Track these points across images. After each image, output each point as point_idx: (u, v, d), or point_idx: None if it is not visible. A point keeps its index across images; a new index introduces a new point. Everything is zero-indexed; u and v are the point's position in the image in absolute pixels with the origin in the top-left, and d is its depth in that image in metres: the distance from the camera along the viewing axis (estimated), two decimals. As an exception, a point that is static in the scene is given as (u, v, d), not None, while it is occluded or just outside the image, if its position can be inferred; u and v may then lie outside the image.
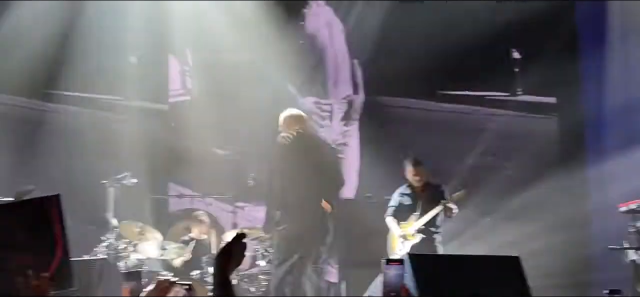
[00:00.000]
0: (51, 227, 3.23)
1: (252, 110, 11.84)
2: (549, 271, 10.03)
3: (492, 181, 11.33)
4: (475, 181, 9.69)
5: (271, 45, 11.90)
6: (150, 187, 10.75)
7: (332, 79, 12.05)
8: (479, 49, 11.52)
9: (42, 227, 3.22)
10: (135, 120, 11.57)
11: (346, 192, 11.47)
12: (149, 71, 11.73)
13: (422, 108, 12.03)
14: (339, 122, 11.95)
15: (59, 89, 11.29)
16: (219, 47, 11.77)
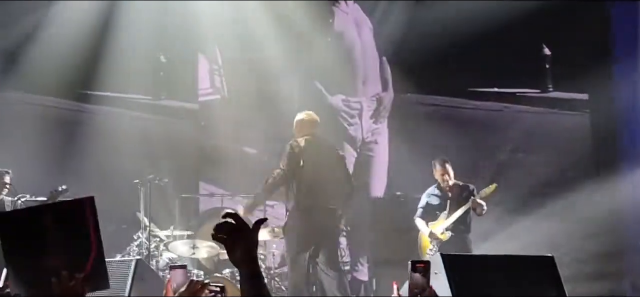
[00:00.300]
0: (86, 228, 3.26)
1: (281, 108, 11.85)
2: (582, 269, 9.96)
3: (523, 178, 11.25)
4: (506, 178, 9.64)
5: (299, 43, 11.93)
6: (180, 187, 10.80)
7: (361, 77, 12.02)
8: (510, 45, 11.44)
9: (76, 228, 3.25)
10: (165, 119, 11.64)
11: (376, 190, 11.49)
12: (179, 70, 11.79)
13: (451, 105, 11.98)
14: (368, 120, 11.92)
15: (91, 89, 11.40)
16: (247, 45, 11.81)
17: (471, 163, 11.29)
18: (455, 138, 11.45)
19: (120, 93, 11.54)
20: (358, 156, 11.80)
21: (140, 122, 11.57)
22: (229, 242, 2.70)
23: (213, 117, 11.68)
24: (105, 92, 11.46)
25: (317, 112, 11.80)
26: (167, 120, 11.65)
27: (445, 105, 11.96)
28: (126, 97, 11.56)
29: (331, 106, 11.83)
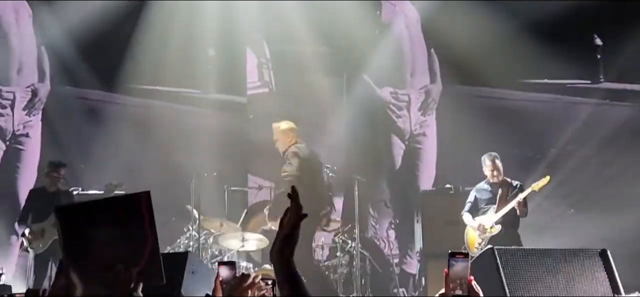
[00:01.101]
0: (141, 223, 3.30)
1: (328, 101, 11.86)
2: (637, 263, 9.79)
3: (574, 172, 11.11)
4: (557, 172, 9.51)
5: (347, 36, 11.92)
6: (229, 179, 10.86)
7: (409, 69, 11.96)
8: (561, 35, 11.29)
9: (133, 223, 3.30)
10: (214, 113, 11.73)
11: (424, 183, 11.45)
12: (227, 64, 11.86)
13: (501, 97, 11.86)
14: (416, 113, 11.87)
15: (141, 83, 11.55)
16: (295, 39, 11.84)
17: (521, 156, 11.19)
18: (504, 131, 11.33)
19: (169, 87, 11.66)
20: (406, 148, 11.77)
21: (189, 116, 11.69)
22: None
23: (261, 110, 11.73)
24: (155, 86, 11.59)
25: (365, 105, 11.87)
26: (216, 113, 11.73)
27: (494, 97, 11.85)
28: (175, 90, 11.69)
29: (379, 99, 11.81)
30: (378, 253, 11.24)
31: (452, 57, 11.69)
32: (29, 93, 11.30)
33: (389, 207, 11.70)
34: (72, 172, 10.35)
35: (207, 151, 11.17)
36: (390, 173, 11.77)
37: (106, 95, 11.52)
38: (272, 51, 11.99)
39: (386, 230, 11.46)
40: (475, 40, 11.42)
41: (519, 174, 9.19)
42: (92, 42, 11.13)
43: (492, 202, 8.90)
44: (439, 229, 9.83)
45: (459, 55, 11.55)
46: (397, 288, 10.82)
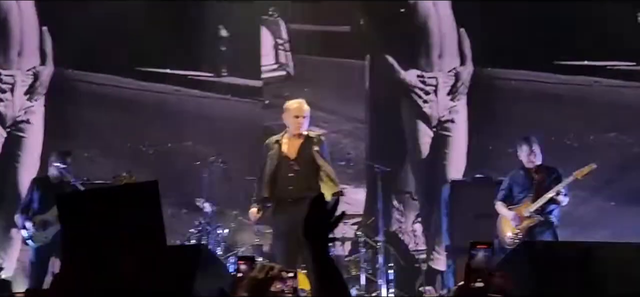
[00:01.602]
0: (148, 214, 3.36)
1: (350, 84, 11.88)
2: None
3: (615, 160, 11.07)
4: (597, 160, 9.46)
5: (370, 14, 11.93)
6: (244, 169, 10.92)
7: (437, 50, 11.95)
8: (601, 13, 11.24)
9: (138, 214, 3.35)
10: (226, 97, 11.78)
11: (453, 173, 11.44)
12: (241, 45, 11.91)
13: (536, 80, 11.80)
14: (444, 97, 11.85)
15: (147, 66, 11.62)
16: (314, 17, 11.86)
17: (557, 144, 11.16)
18: (540, 116, 11.31)
19: (179, 70, 11.72)
20: (434, 135, 11.76)
21: (200, 101, 11.74)
22: None
23: (278, 94, 11.75)
24: (164, 68, 11.66)
25: (389, 89, 11.88)
26: (229, 98, 11.78)
27: (529, 80, 11.79)
28: (185, 74, 11.74)
29: (404, 82, 11.81)
30: (403, 248, 11.26)
31: (483, 37, 11.68)
32: (31, 76, 11.43)
33: (415, 199, 11.71)
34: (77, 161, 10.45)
35: (219, 139, 11.22)
36: (417, 162, 11.77)
37: (112, 78, 11.59)
38: (290, 31, 12.01)
39: (412, 224, 11.48)
40: (508, 18, 11.40)
41: (555, 163, 9.16)
42: (97, 22, 11.23)
43: (528, 191, 8.87)
44: (470, 222, 9.81)
45: (492, 34, 11.54)
46: (424, 286, 10.83)
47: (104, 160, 11.22)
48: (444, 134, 11.81)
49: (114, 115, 11.48)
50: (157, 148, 11.43)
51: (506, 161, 10.38)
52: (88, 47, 11.38)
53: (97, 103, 11.55)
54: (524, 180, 8.97)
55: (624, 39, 11.54)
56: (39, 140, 11.29)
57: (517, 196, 8.96)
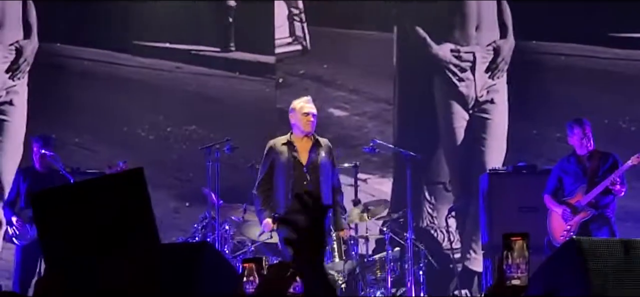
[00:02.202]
0: (134, 207, 3.32)
1: (375, 61, 11.82)
2: None
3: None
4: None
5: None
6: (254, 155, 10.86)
7: (474, 21, 11.88)
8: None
9: (123, 207, 3.30)
10: (235, 75, 11.76)
11: (492, 161, 11.37)
12: (251, 16, 11.86)
13: (587, 55, 11.74)
14: (482, 75, 11.78)
15: (146, 40, 11.60)
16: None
17: (612, 127, 11.08)
18: (592, 96, 11.27)
19: (181, 44, 11.70)
20: (470, 118, 11.69)
21: (204, 79, 11.72)
22: None
23: (292, 72, 11.72)
24: (164, 43, 11.64)
25: (420, 66, 11.81)
26: (237, 76, 11.75)
27: (578, 55, 11.73)
28: (188, 48, 11.72)
29: (437, 57, 11.74)
30: (435, 246, 11.23)
31: (527, 7, 11.59)
32: (13, 52, 11.39)
33: (449, 191, 11.67)
34: (66, 147, 10.42)
35: (227, 121, 11.19)
36: (451, 149, 11.73)
37: (105, 54, 11.57)
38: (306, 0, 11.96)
39: (445, 218, 11.40)
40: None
41: (609, 148, 9.08)
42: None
43: (581, 181, 8.79)
44: (511, 217, 9.77)
45: (536, 3, 11.46)
46: (459, 289, 10.80)
47: (96, 146, 11.23)
48: (481, 117, 11.75)
49: (108, 96, 11.46)
50: (157, 133, 11.41)
51: (552, 146, 10.31)
52: (78, 18, 11.36)
53: (89, 82, 11.52)
54: (576, 168, 8.88)
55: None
56: (23, 124, 11.27)
57: (568, 187, 8.88)
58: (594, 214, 8.65)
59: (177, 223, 10.55)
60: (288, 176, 8.08)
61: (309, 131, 8.20)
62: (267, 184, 8.26)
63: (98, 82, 11.50)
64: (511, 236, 3.12)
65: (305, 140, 8.24)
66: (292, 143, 8.23)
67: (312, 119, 8.17)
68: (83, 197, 3.30)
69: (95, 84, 11.49)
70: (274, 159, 8.21)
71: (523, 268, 3.07)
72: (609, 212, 8.72)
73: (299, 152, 8.19)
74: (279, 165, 8.16)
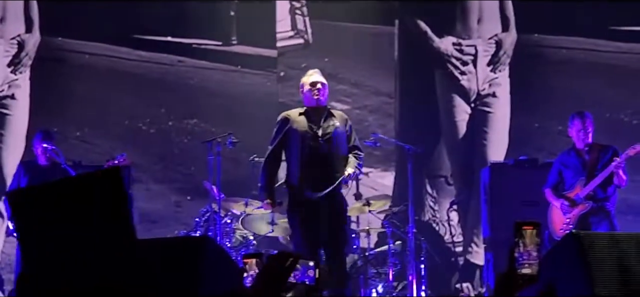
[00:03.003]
0: (108, 208, 3.37)
1: (376, 54, 11.84)
2: None
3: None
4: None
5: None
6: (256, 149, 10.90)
7: (476, 14, 11.89)
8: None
9: (99, 209, 3.36)
10: (236, 68, 11.77)
11: (494, 154, 11.39)
12: (253, 9, 11.88)
13: (589, 48, 11.75)
14: (484, 68, 11.79)
15: (147, 33, 11.62)
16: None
17: (614, 120, 11.10)
18: (593, 89, 11.29)
19: (183, 38, 11.71)
20: (472, 111, 11.71)
21: (206, 73, 11.73)
22: None
23: (294, 65, 11.73)
24: (164, 37, 11.65)
25: (422, 59, 11.83)
26: (239, 69, 11.77)
27: (580, 48, 11.74)
28: (190, 42, 11.73)
29: (438, 51, 11.76)
30: (437, 240, 11.26)
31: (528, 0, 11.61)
32: (15, 46, 11.42)
33: (451, 184, 11.68)
34: (67, 141, 10.46)
35: (228, 116, 11.21)
36: (453, 142, 11.74)
37: (107, 48, 11.59)
38: (308, -6, 12.00)
39: (447, 212, 11.45)
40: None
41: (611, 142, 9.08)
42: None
43: (580, 174, 8.80)
44: (513, 210, 9.74)
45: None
46: (461, 283, 10.82)
47: (98, 140, 11.25)
48: (483, 110, 11.76)
49: (109, 90, 11.49)
50: (158, 126, 11.44)
51: (554, 140, 10.33)
52: (80, 12, 11.38)
53: (90, 76, 11.54)
54: (575, 162, 8.88)
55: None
56: (25, 118, 11.30)
57: (568, 180, 8.88)
58: (593, 206, 8.65)
59: (179, 217, 10.60)
60: (303, 145, 7.81)
61: (320, 101, 7.92)
62: (277, 158, 8.07)
63: (100, 76, 11.53)
64: (523, 224, 3.14)
65: (319, 112, 7.93)
66: (308, 113, 7.93)
67: (320, 87, 7.89)
68: (58, 197, 3.36)
69: (97, 77, 11.51)
70: (288, 130, 7.92)
71: (534, 257, 3.08)
72: (609, 205, 8.71)
73: (314, 123, 7.87)
74: (293, 136, 7.88)
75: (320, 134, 7.85)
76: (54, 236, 3.24)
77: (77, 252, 3.19)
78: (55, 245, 3.23)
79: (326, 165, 7.81)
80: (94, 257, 3.20)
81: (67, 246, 3.22)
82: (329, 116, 7.97)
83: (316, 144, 7.84)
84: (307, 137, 7.85)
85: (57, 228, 3.25)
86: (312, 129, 7.86)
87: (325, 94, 7.98)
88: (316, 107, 7.93)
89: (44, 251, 3.23)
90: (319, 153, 7.82)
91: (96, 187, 3.29)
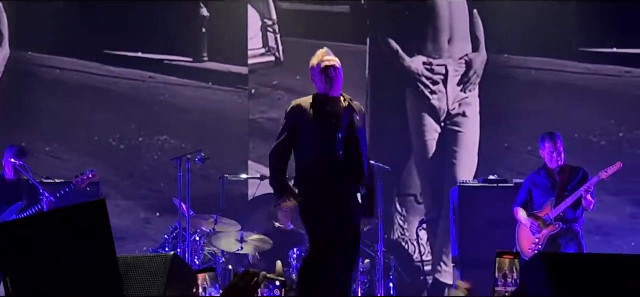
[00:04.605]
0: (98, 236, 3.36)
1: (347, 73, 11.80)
2: None
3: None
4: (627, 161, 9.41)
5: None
6: (226, 167, 10.86)
7: (447, 34, 11.91)
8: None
9: (86, 238, 3.38)
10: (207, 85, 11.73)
11: (463, 173, 11.39)
12: (224, 26, 11.84)
13: (559, 69, 11.78)
14: (454, 88, 11.81)
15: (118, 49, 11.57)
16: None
17: (583, 141, 11.14)
18: (562, 109, 11.32)
19: (154, 54, 11.66)
20: (442, 131, 11.72)
21: (177, 89, 11.69)
22: None
23: (265, 83, 11.71)
24: (135, 52, 11.60)
25: (392, 77, 11.83)
26: (210, 86, 11.73)
27: (550, 69, 11.77)
28: (161, 58, 11.68)
29: (409, 70, 11.77)
30: (406, 259, 11.24)
31: (499, 21, 11.64)
32: (-17, 60, 11.35)
33: (420, 203, 11.68)
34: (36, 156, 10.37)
35: (198, 132, 11.17)
36: (422, 161, 11.74)
37: (77, 63, 11.53)
38: (280, 11, 11.95)
39: (416, 231, 11.43)
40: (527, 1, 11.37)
41: (579, 162, 9.10)
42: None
43: (550, 194, 8.81)
44: (482, 230, 9.77)
45: (508, 18, 11.51)
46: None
47: (67, 156, 11.18)
48: (453, 130, 11.78)
49: (80, 105, 11.43)
50: (128, 142, 11.37)
51: (523, 160, 10.34)
52: (50, 27, 11.31)
53: (60, 91, 11.49)
54: (546, 182, 8.90)
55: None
56: (-7, 133, 11.21)
57: (537, 200, 8.90)
58: (563, 228, 8.68)
59: (148, 233, 10.52)
60: (324, 140, 6.55)
61: (336, 90, 6.72)
62: (287, 152, 6.72)
63: (69, 91, 11.46)
64: (505, 253, 3.18)
65: (336, 102, 6.74)
66: (325, 102, 6.69)
67: (335, 73, 6.72)
68: (48, 229, 3.34)
69: (67, 92, 11.45)
70: (300, 122, 6.66)
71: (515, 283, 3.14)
72: (577, 226, 8.74)
73: (334, 115, 6.65)
74: (308, 128, 6.62)
75: (340, 128, 6.63)
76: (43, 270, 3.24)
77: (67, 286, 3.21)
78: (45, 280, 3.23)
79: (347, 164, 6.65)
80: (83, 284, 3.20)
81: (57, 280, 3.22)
82: (349, 108, 6.80)
83: (335, 140, 6.59)
84: (331, 129, 6.64)
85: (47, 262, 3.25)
86: (333, 122, 6.65)
87: (340, 80, 6.79)
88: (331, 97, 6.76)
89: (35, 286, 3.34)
90: (340, 153, 6.60)
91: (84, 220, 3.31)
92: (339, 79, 6.70)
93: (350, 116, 6.68)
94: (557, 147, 8.82)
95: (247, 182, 11.46)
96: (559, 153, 8.82)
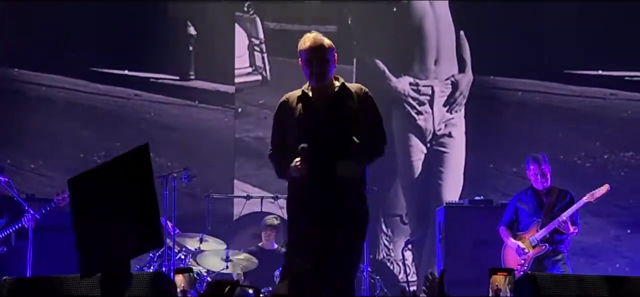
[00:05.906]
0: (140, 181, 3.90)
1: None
2: None
3: (633, 183, 11.06)
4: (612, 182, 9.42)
5: (358, 13, 11.88)
6: (212, 185, 10.84)
7: (433, 55, 11.94)
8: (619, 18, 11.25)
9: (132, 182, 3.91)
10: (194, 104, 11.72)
11: (449, 194, 11.39)
12: (211, 45, 11.84)
13: (545, 91, 11.82)
14: (441, 109, 11.83)
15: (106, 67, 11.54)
16: (294, 15, 11.80)
17: (568, 163, 11.16)
18: (547, 131, 11.35)
19: (139, 72, 11.65)
20: (428, 151, 11.72)
21: (163, 107, 11.67)
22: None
23: (252, 101, 11.70)
24: (121, 70, 11.58)
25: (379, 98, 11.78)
26: (196, 105, 11.72)
27: (536, 91, 11.80)
28: (147, 76, 11.67)
29: (396, 90, 11.78)
30: (391, 279, 11.23)
31: (485, 42, 11.66)
32: (-35, 77, 11.33)
33: (406, 223, 11.67)
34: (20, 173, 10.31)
35: (185, 150, 11.14)
36: (408, 182, 11.74)
37: (63, 80, 11.52)
38: (267, 30, 11.96)
39: (402, 251, 11.40)
40: (513, 21, 11.39)
41: (564, 185, 9.12)
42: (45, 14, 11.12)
43: (536, 215, 8.82)
44: (467, 250, 9.77)
45: (494, 39, 11.53)
46: (414, 321, 10.77)
47: (52, 173, 11.14)
48: (439, 150, 11.78)
49: (64, 122, 11.41)
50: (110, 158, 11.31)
51: (508, 181, 10.33)
52: (36, 44, 11.29)
53: (46, 108, 11.46)
54: (533, 202, 8.91)
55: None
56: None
57: (523, 220, 8.90)
58: (549, 249, 8.68)
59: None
60: (302, 137, 6.00)
61: (324, 75, 6.20)
62: (282, 146, 6.18)
63: (55, 108, 11.44)
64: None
65: (324, 88, 6.20)
66: (306, 95, 6.22)
67: (321, 57, 6.23)
68: (107, 176, 3.96)
69: (52, 109, 11.43)
70: (285, 118, 6.22)
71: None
72: (562, 248, 8.75)
73: (316, 106, 6.17)
74: (291, 124, 6.16)
75: (323, 120, 6.21)
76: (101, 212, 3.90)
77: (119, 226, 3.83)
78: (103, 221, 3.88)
79: None
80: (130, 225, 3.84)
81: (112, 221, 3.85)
82: (339, 93, 6.38)
83: (318, 133, 6.15)
84: (305, 125, 6.21)
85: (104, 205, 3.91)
86: (310, 115, 6.22)
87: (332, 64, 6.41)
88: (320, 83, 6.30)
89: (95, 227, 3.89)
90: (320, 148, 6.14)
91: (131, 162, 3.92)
92: (330, 63, 6.26)
93: (340, 101, 6.21)
94: (542, 168, 8.83)
95: (233, 201, 11.43)
96: (544, 174, 8.84)
